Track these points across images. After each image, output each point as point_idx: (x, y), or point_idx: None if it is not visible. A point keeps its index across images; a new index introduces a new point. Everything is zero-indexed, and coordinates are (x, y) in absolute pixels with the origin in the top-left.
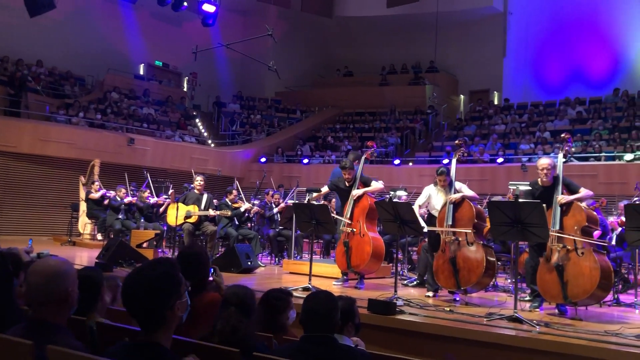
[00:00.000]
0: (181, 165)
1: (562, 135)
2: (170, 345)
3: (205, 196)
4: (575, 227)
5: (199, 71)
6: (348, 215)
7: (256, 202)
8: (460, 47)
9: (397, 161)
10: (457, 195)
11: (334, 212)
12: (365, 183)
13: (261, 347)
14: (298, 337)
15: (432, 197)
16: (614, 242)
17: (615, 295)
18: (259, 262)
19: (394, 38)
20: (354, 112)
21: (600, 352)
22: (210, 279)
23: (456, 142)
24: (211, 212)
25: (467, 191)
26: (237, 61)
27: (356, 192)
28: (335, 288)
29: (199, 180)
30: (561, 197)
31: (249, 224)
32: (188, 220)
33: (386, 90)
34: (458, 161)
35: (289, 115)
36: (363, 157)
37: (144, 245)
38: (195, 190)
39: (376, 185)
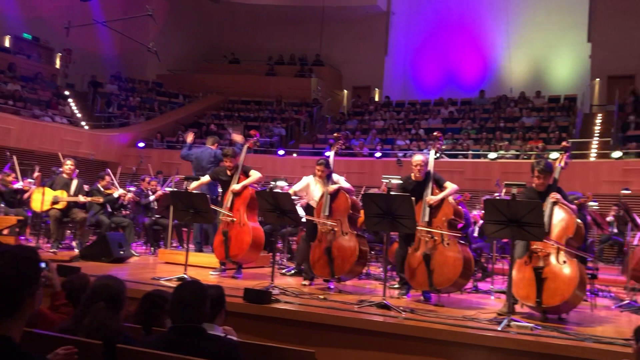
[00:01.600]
0: (50, 148)
1: (435, 133)
2: (20, 339)
3: (75, 181)
4: (443, 219)
5: (75, 48)
6: (228, 205)
7: (132, 189)
8: (345, 43)
9: (281, 152)
10: (334, 187)
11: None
12: (246, 173)
13: (126, 338)
14: None
15: (311, 188)
16: (475, 234)
17: (475, 283)
18: (133, 251)
19: (282, 28)
20: (240, 100)
21: (457, 336)
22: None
23: (334, 134)
24: (81, 198)
25: (343, 183)
26: (117, 40)
27: (236, 188)
28: (212, 278)
29: (68, 164)
30: (429, 199)
31: (124, 212)
32: (55, 206)
33: (272, 81)
34: (336, 154)
35: (170, 100)
36: (245, 146)
37: (5, 232)
38: (65, 175)
39: (255, 175)
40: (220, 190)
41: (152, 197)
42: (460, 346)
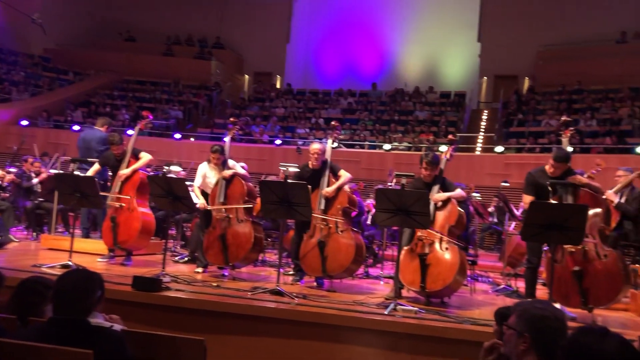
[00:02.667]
0: None
1: (333, 122)
2: None
3: None
4: (339, 207)
5: None
6: (117, 190)
7: (12, 169)
8: (247, 27)
9: (177, 135)
10: (229, 172)
11: None
12: (136, 156)
13: None
14: None
15: (206, 175)
16: (369, 222)
17: (366, 269)
18: (12, 237)
19: (181, 8)
20: (135, 80)
21: (346, 320)
22: None
23: (231, 120)
24: None
25: (239, 169)
26: None
27: (125, 172)
28: (100, 265)
29: None
30: (325, 191)
31: (3, 194)
32: None
33: (170, 61)
34: (233, 139)
35: (59, 76)
36: (137, 128)
37: None
38: None
39: (145, 158)
40: (110, 174)
41: (35, 180)
42: (349, 330)
